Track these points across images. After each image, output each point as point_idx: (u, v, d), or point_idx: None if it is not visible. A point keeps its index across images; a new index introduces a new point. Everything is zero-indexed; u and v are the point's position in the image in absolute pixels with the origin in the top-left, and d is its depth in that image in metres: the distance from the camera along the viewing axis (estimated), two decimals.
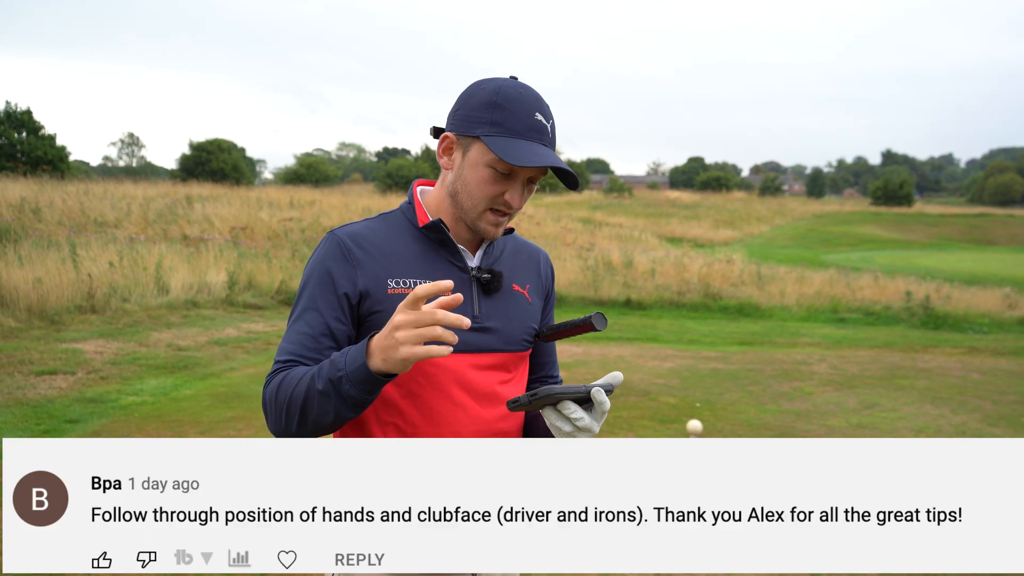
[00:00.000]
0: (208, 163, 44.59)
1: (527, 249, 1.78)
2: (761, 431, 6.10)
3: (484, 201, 1.53)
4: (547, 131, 1.52)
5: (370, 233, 1.58)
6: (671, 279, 14.75)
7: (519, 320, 1.65)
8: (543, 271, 1.79)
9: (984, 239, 41.44)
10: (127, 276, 11.03)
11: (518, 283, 1.68)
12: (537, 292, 1.74)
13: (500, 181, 1.51)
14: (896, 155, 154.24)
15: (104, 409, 6.01)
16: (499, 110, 1.49)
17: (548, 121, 1.53)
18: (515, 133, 1.48)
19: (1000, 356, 10.03)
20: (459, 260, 1.60)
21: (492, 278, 1.60)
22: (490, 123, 1.49)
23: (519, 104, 1.50)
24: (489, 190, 1.52)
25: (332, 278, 1.52)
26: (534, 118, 1.50)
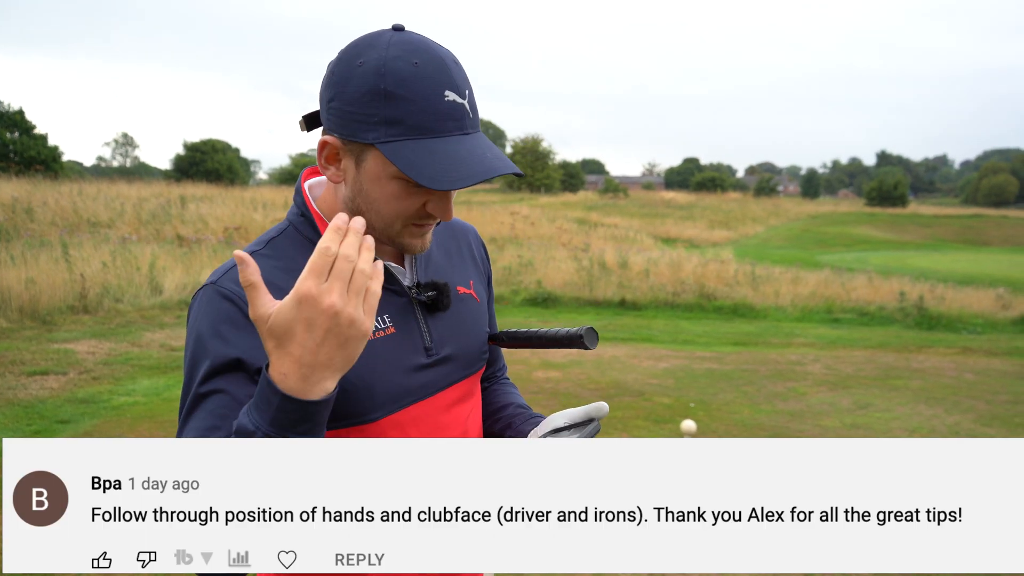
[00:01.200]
0: (203, 163, 44.55)
1: (452, 231, 1.42)
2: (755, 431, 6.11)
3: (398, 218, 1.14)
4: (466, 112, 1.09)
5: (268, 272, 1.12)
6: (666, 279, 14.77)
7: (475, 333, 1.34)
8: (477, 252, 1.45)
9: (978, 240, 41.58)
10: (120, 276, 11.01)
11: (461, 283, 1.35)
12: (480, 283, 1.42)
13: (415, 193, 1.11)
14: (891, 156, 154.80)
15: (96, 409, 5.99)
16: (392, 102, 1.05)
17: (463, 94, 1.09)
18: (422, 130, 1.06)
19: (994, 356, 10.07)
20: (392, 283, 1.22)
21: (438, 295, 1.25)
22: (384, 122, 1.06)
23: (418, 85, 1.05)
24: (404, 207, 1.12)
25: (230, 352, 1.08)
26: (444, 101, 1.06)
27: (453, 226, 1.43)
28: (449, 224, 1.41)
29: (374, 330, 1.15)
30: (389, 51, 1.06)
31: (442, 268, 1.33)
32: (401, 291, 1.23)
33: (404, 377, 1.20)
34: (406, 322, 1.23)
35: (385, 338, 1.19)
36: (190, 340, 1.13)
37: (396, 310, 1.22)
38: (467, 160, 1.06)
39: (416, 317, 1.24)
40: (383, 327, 1.19)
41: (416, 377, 1.22)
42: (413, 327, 1.23)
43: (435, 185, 1.03)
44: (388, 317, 1.21)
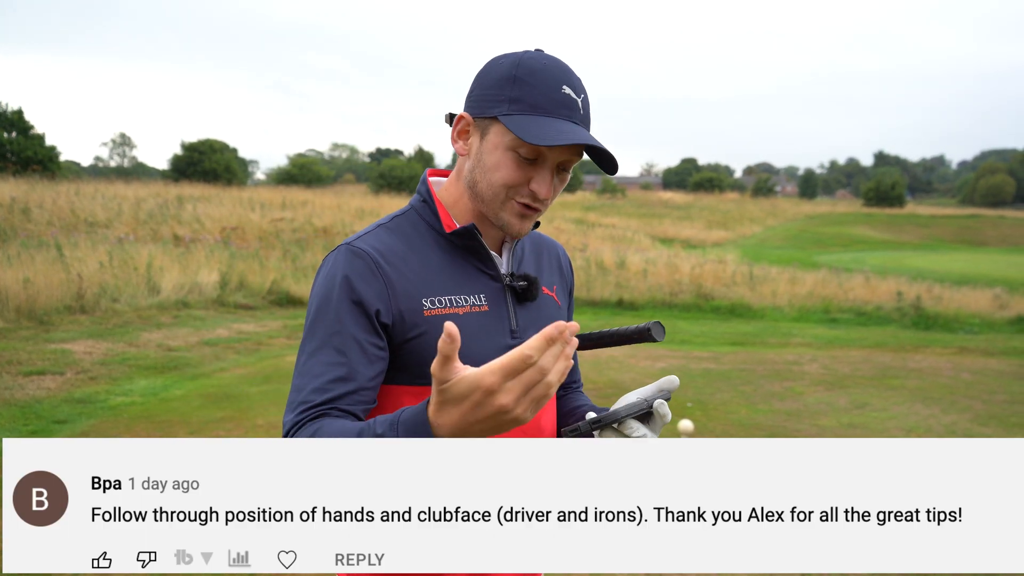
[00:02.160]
0: (200, 163, 44.46)
1: (544, 244, 1.59)
2: (752, 431, 6.12)
3: (506, 191, 1.30)
4: (577, 107, 1.29)
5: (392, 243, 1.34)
6: (663, 279, 14.78)
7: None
8: (564, 268, 1.61)
9: (975, 240, 41.65)
10: (117, 276, 10.99)
11: (546, 284, 1.51)
12: (563, 293, 1.57)
13: (524, 167, 1.29)
14: (888, 156, 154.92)
15: (93, 410, 5.98)
16: (519, 84, 1.27)
17: (579, 95, 1.30)
18: (538, 109, 1.26)
19: (990, 356, 10.08)
20: (491, 267, 1.39)
21: (528, 285, 1.41)
22: (509, 100, 1.28)
23: (543, 76, 1.28)
24: (512, 177, 1.29)
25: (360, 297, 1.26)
26: (561, 92, 1.28)
27: (546, 241, 1.59)
28: (543, 239, 1.59)
29: (471, 305, 1.34)
30: (526, 54, 1.31)
31: (532, 268, 1.48)
32: (497, 276, 1.40)
33: (491, 351, 1.30)
34: (498, 304, 1.38)
35: (480, 314, 1.35)
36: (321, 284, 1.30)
37: (491, 292, 1.38)
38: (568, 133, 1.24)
39: (507, 302, 1.40)
40: (480, 304, 1.36)
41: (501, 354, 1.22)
42: (503, 310, 1.39)
43: (535, 140, 1.21)
44: (484, 296, 1.37)
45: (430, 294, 1.31)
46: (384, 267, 1.29)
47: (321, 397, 1.20)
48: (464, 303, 1.34)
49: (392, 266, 1.31)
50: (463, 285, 1.36)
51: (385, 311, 1.27)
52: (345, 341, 1.24)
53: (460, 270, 1.37)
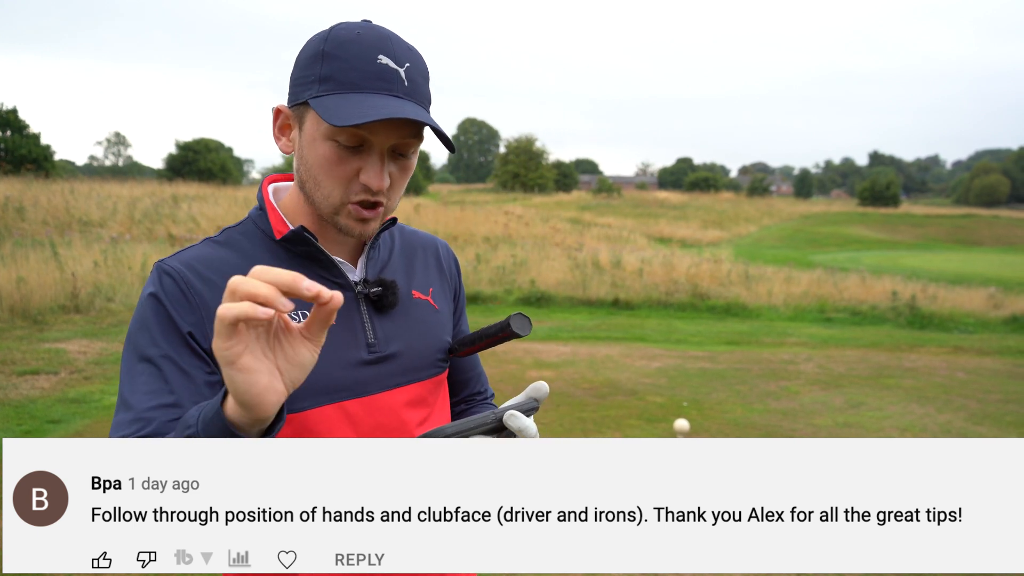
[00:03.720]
0: (195, 163, 44.41)
1: (419, 242, 1.43)
2: (748, 430, 6.13)
3: (335, 187, 1.14)
4: (398, 78, 1.11)
5: (212, 259, 1.17)
6: (659, 279, 14.79)
7: (428, 337, 1.32)
8: (446, 265, 1.45)
9: (970, 240, 41.78)
10: (112, 276, 10.97)
11: (418, 288, 1.35)
12: (443, 294, 1.41)
13: (348, 158, 1.13)
14: (883, 156, 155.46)
15: (87, 409, 5.97)
16: (328, 60, 1.11)
17: (401, 65, 1.12)
18: (351, 86, 1.10)
19: (985, 355, 10.11)
20: (337, 275, 1.23)
21: (384, 291, 1.25)
22: (319, 80, 1.11)
23: (355, 48, 1.11)
24: (336, 171, 1.14)
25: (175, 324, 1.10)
26: (376, 63, 1.10)
27: (421, 238, 1.43)
28: (418, 236, 1.43)
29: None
30: (340, 26, 1.14)
31: (398, 272, 1.33)
32: (347, 285, 1.24)
33: (339, 370, 1.18)
34: (348, 317, 1.22)
35: None
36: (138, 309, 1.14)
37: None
38: (382, 108, 1.07)
39: (360, 313, 1.24)
40: None
41: (354, 372, 1.20)
42: (356, 323, 1.23)
43: (337, 120, 1.05)
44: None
45: None
46: (195, 286, 1.13)
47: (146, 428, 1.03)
48: (300, 319, 1.12)
49: (207, 284, 1.13)
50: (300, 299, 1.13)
51: (200, 335, 1.10)
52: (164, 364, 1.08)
53: None
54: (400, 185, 1.19)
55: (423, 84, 1.16)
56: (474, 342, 1.32)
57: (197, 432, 0.91)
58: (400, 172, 1.18)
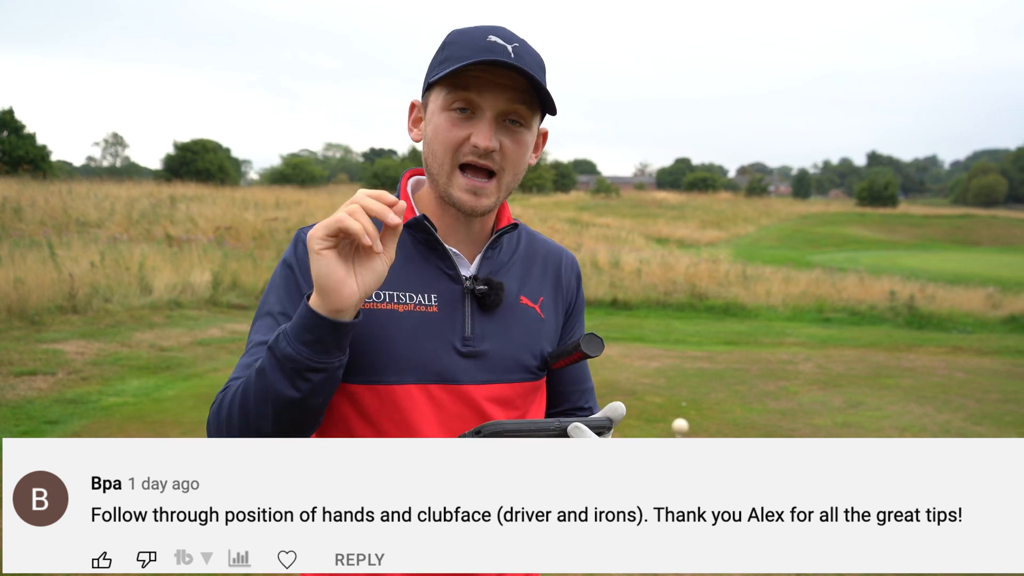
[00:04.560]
0: (193, 163, 44.36)
1: (545, 250, 1.45)
2: (747, 430, 6.13)
3: (447, 154, 1.22)
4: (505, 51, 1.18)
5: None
6: (658, 279, 14.80)
7: (523, 342, 1.32)
8: (565, 278, 1.45)
9: (968, 240, 41.82)
10: (109, 276, 10.95)
11: (528, 295, 1.36)
12: (554, 306, 1.40)
13: (460, 123, 1.21)
14: (881, 156, 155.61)
15: (85, 410, 5.96)
16: (448, 47, 1.23)
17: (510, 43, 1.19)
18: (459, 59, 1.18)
19: (984, 355, 10.12)
20: (450, 266, 1.29)
21: (489, 290, 1.28)
22: (439, 63, 1.22)
23: (471, 33, 1.22)
24: (449, 137, 1.21)
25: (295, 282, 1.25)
26: (486, 40, 1.19)
27: (547, 248, 1.45)
28: (546, 245, 1.46)
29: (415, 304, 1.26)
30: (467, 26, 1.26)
31: (513, 275, 1.35)
32: (457, 278, 1.29)
33: (432, 355, 1.24)
34: (451, 307, 1.27)
35: (423, 314, 1.26)
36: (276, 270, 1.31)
37: (446, 294, 1.28)
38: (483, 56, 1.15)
39: (464, 306, 1.28)
40: (426, 304, 1.26)
41: (447, 360, 1.25)
42: (457, 314, 1.27)
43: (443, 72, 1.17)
44: (435, 297, 1.27)
45: None
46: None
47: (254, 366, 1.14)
48: (407, 301, 1.26)
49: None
50: (414, 283, 1.27)
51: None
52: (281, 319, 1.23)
53: (416, 267, 1.28)
54: (514, 158, 1.24)
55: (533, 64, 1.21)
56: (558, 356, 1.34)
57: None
58: (513, 143, 1.22)
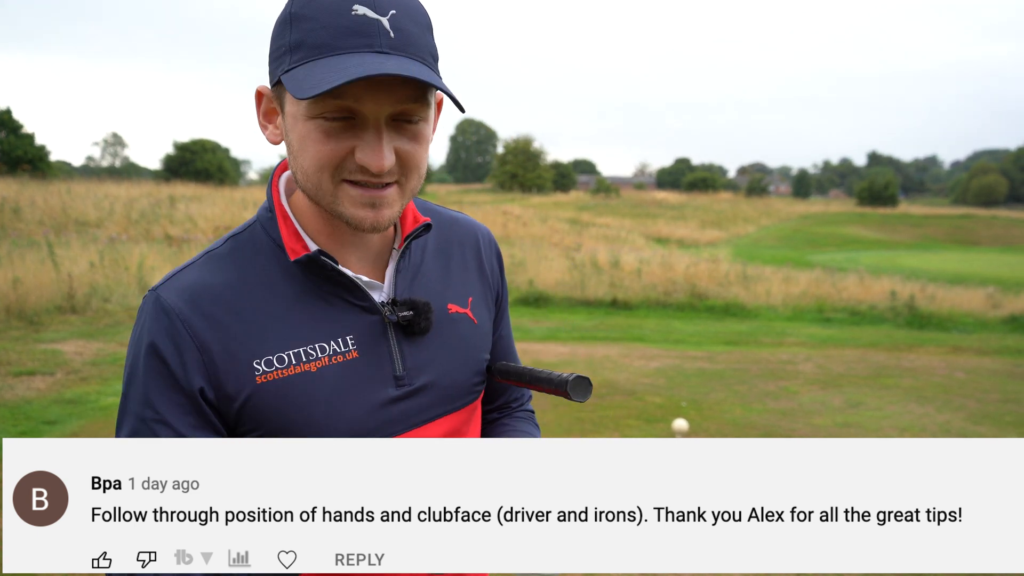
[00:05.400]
0: (192, 163, 44.38)
1: (458, 235, 1.21)
2: (747, 430, 6.13)
3: (324, 173, 0.95)
4: (380, 29, 0.90)
5: (214, 282, 1.00)
6: (657, 279, 14.80)
7: (465, 361, 1.14)
8: (487, 263, 1.24)
9: (968, 240, 41.82)
10: (108, 276, 10.96)
11: (455, 301, 1.15)
12: (484, 302, 1.21)
13: (336, 133, 0.93)
14: (881, 156, 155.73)
15: (83, 410, 5.96)
16: (297, 23, 0.92)
17: (384, 13, 0.91)
18: (320, 49, 0.90)
19: (984, 355, 10.12)
20: (361, 298, 1.04)
21: (415, 315, 1.06)
22: (289, 50, 0.93)
23: (324, 3, 0.91)
24: (323, 153, 0.93)
25: (167, 375, 0.96)
26: (351, 15, 0.90)
27: (459, 229, 1.21)
28: (453, 226, 1.21)
29: (331, 354, 1.02)
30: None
31: (433, 281, 1.13)
32: (372, 308, 1.05)
33: (365, 410, 1.04)
34: (374, 345, 1.05)
35: (345, 364, 1.03)
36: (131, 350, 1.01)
37: (363, 331, 1.04)
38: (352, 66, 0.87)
39: (388, 340, 1.06)
40: (343, 350, 1.03)
41: (381, 412, 1.05)
42: (383, 352, 1.05)
43: (298, 93, 0.88)
44: (352, 339, 1.03)
45: (266, 352, 0.99)
46: (195, 325, 0.97)
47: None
48: (319, 354, 1.01)
49: (210, 319, 0.98)
50: (320, 329, 1.02)
51: (206, 386, 0.97)
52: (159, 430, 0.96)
53: (317, 308, 1.02)
54: (415, 159, 0.98)
55: (419, 33, 0.94)
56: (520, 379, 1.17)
57: None
58: (411, 143, 0.97)
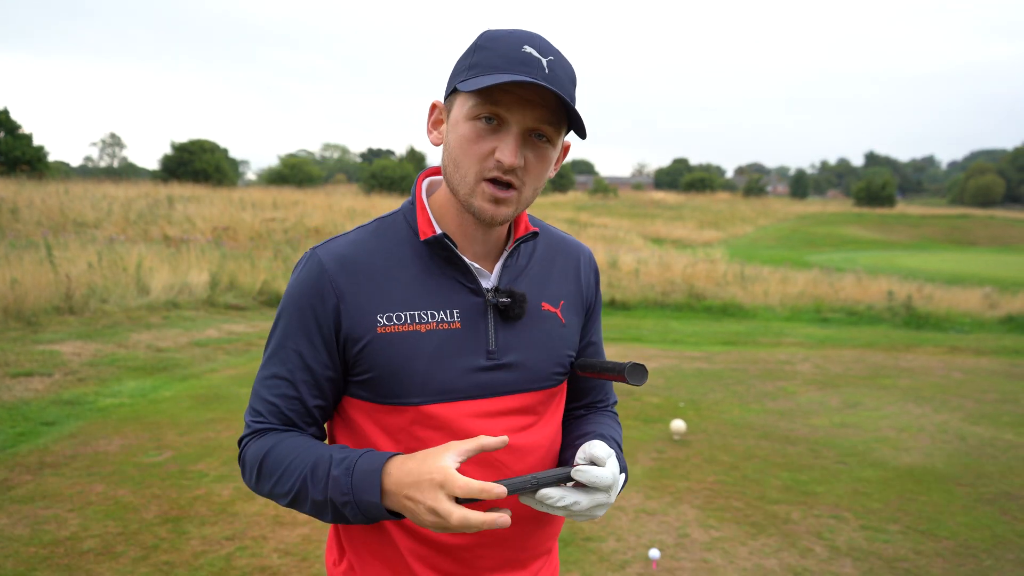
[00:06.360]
0: (191, 163, 44.30)
1: (563, 249, 1.43)
2: (745, 430, 6.11)
3: (471, 165, 1.18)
4: (540, 65, 1.14)
5: (359, 251, 1.27)
6: (655, 279, 14.79)
7: (548, 350, 1.33)
8: (584, 277, 1.44)
9: (965, 240, 41.85)
10: (106, 277, 10.91)
11: (549, 300, 1.35)
12: (574, 307, 1.40)
13: (485, 135, 1.17)
14: (878, 156, 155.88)
15: (81, 411, 5.93)
16: (479, 51, 1.18)
17: (544, 56, 1.16)
18: (492, 69, 1.15)
19: (981, 355, 10.11)
20: (471, 280, 1.27)
21: (512, 302, 1.27)
22: (468, 67, 1.18)
23: (505, 39, 1.17)
24: (473, 149, 1.18)
25: (310, 314, 1.24)
26: (520, 51, 1.15)
27: (565, 246, 1.44)
28: (563, 243, 1.44)
29: (438, 321, 1.24)
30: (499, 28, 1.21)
31: (533, 281, 1.34)
32: (478, 291, 1.27)
33: (457, 372, 1.24)
34: (474, 321, 1.26)
35: (448, 331, 1.24)
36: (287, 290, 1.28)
37: (468, 308, 1.26)
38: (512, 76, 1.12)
39: (487, 320, 1.27)
40: (449, 320, 1.25)
41: (471, 376, 1.25)
42: (480, 328, 1.26)
43: (473, 86, 1.12)
44: (458, 312, 1.25)
45: (388, 309, 1.23)
46: (339, 280, 1.23)
47: (267, 412, 1.25)
48: (429, 319, 1.24)
49: (351, 277, 1.24)
50: (434, 299, 1.25)
51: (337, 327, 1.23)
52: (291, 358, 1.25)
53: (435, 283, 1.26)
54: (537, 172, 1.21)
55: (566, 80, 1.18)
56: (593, 370, 1.34)
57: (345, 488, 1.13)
58: (536, 158, 1.20)
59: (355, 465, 1.14)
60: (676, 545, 3.98)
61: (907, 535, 4.21)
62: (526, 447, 1.29)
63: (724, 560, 3.84)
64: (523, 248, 1.35)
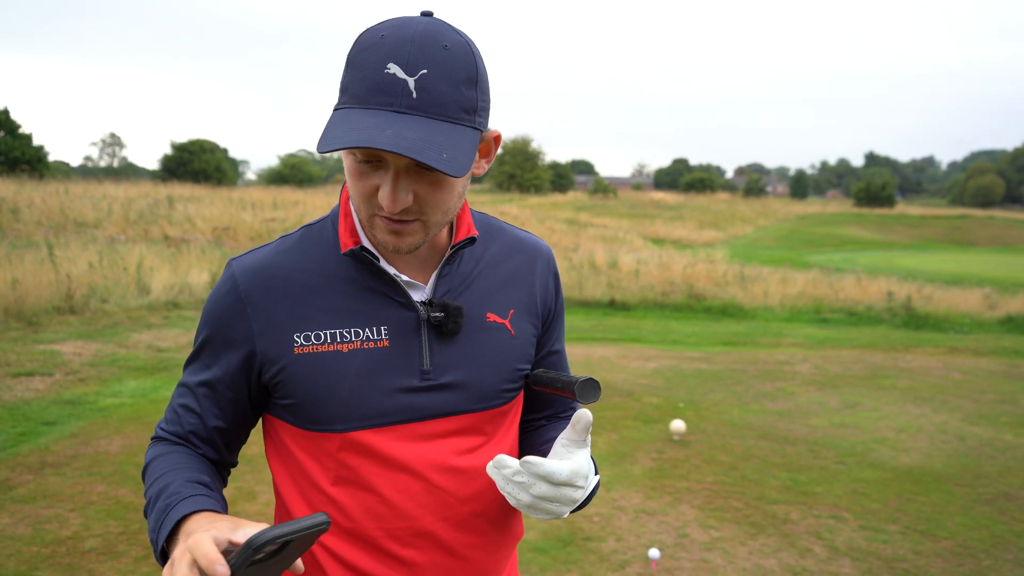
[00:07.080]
0: (191, 163, 44.33)
1: (518, 251, 1.29)
2: (744, 431, 6.12)
3: (361, 203, 1.06)
4: (404, 90, 0.97)
5: (277, 264, 1.16)
6: (655, 280, 14.79)
7: (495, 366, 1.20)
8: (540, 280, 1.30)
9: (965, 240, 41.84)
10: (107, 277, 10.92)
11: (496, 311, 1.22)
12: (528, 316, 1.26)
13: (367, 172, 1.03)
14: (878, 157, 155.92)
15: (82, 411, 5.94)
16: (349, 69, 1.02)
17: (413, 73, 0.97)
18: (356, 99, 0.99)
19: (980, 356, 10.12)
20: (399, 294, 1.15)
21: (446, 317, 1.14)
22: (341, 90, 1.04)
23: (371, 54, 0.99)
24: (358, 186, 1.05)
25: (220, 334, 1.15)
26: (383, 72, 0.97)
27: (521, 247, 1.29)
28: (516, 244, 1.29)
29: (362, 340, 1.13)
30: (377, 25, 1.03)
31: (478, 290, 1.21)
32: (410, 305, 1.15)
33: (386, 394, 1.13)
34: (405, 339, 1.14)
35: (375, 350, 1.13)
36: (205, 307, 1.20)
37: (398, 324, 1.14)
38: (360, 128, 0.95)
39: (420, 336, 1.15)
40: (376, 338, 1.13)
41: (402, 398, 1.14)
42: (413, 346, 1.14)
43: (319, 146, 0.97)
44: (386, 329, 1.14)
45: (306, 328, 1.12)
46: (252, 297, 1.13)
47: (169, 420, 1.20)
48: (353, 338, 1.12)
49: (267, 294, 1.13)
50: (359, 316, 1.13)
51: (251, 349, 1.13)
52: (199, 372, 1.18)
53: (361, 298, 1.14)
54: (435, 200, 1.05)
55: (448, 91, 0.99)
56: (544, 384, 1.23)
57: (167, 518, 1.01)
58: (430, 188, 1.04)
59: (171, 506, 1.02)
60: (676, 545, 3.99)
61: (906, 535, 4.22)
62: (473, 469, 1.17)
63: (724, 560, 3.86)
64: (467, 253, 1.21)
